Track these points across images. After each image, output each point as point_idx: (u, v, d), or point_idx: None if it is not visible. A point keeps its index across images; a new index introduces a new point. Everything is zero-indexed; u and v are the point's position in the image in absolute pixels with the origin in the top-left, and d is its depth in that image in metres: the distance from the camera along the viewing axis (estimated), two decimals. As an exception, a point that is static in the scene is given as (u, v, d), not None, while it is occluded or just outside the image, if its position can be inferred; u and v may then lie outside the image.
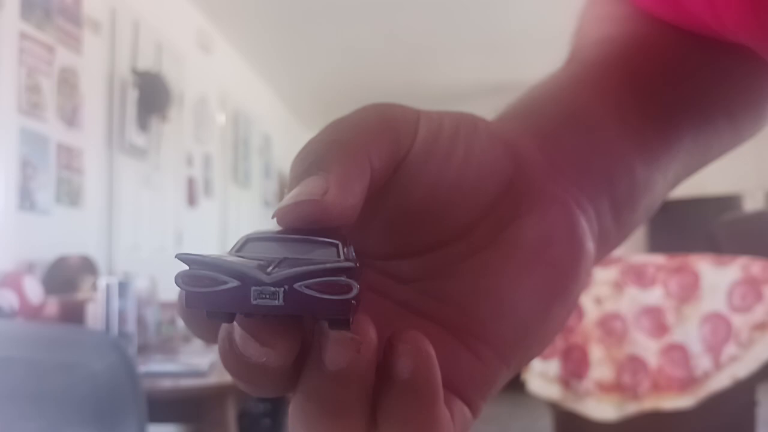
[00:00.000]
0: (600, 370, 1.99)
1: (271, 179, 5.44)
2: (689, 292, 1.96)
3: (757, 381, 1.90)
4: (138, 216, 3.03)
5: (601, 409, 1.98)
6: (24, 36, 2.22)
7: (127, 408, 1.24)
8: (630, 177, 0.29)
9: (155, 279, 2.34)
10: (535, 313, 0.24)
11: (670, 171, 0.32)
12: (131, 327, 1.95)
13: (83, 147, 2.58)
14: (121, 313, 1.92)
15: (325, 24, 4.12)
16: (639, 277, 2.02)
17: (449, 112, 0.25)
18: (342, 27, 4.18)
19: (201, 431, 1.76)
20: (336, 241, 0.19)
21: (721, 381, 1.89)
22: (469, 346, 0.23)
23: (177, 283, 0.18)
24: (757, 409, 1.94)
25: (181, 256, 0.18)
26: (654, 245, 5.74)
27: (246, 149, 4.74)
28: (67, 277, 2.21)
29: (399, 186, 0.23)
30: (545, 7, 3.80)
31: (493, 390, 0.24)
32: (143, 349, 2.05)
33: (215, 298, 0.18)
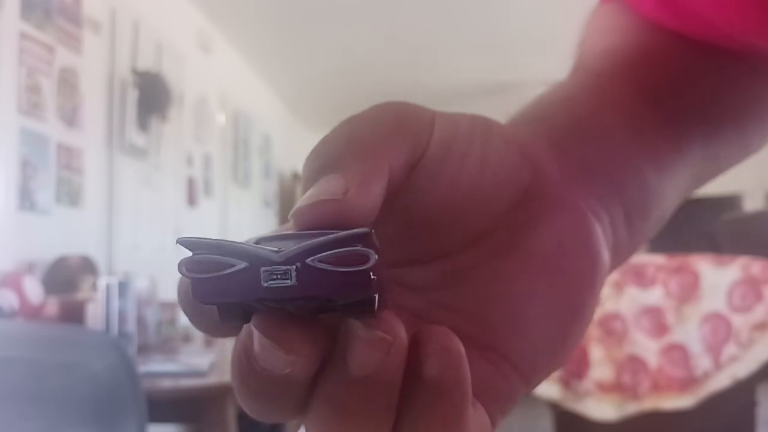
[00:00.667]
0: (600, 370, 1.99)
1: (271, 179, 5.44)
2: (689, 292, 1.96)
3: (757, 381, 1.90)
4: (138, 216, 3.03)
5: (601, 409, 1.98)
6: (24, 36, 2.22)
7: (127, 408, 1.24)
8: (641, 185, 0.29)
9: (155, 279, 2.34)
10: (552, 324, 0.23)
11: (680, 180, 0.31)
12: (131, 327, 1.96)
13: (83, 147, 2.58)
14: (121, 313, 1.92)
15: (325, 24, 4.12)
16: (639, 277, 2.02)
17: (464, 113, 0.24)
18: (342, 27, 4.18)
19: (201, 431, 1.76)
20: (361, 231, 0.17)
21: (721, 381, 1.89)
22: (486, 356, 0.23)
23: (180, 271, 0.17)
24: (757, 409, 1.94)
25: (183, 240, 0.17)
26: (654, 245, 5.73)
27: (246, 149, 4.74)
28: (67, 277, 2.21)
29: (413, 189, 0.22)
30: (545, 7, 3.80)
31: (511, 404, 0.23)
32: (143, 349, 2.05)
33: (222, 283, 0.16)
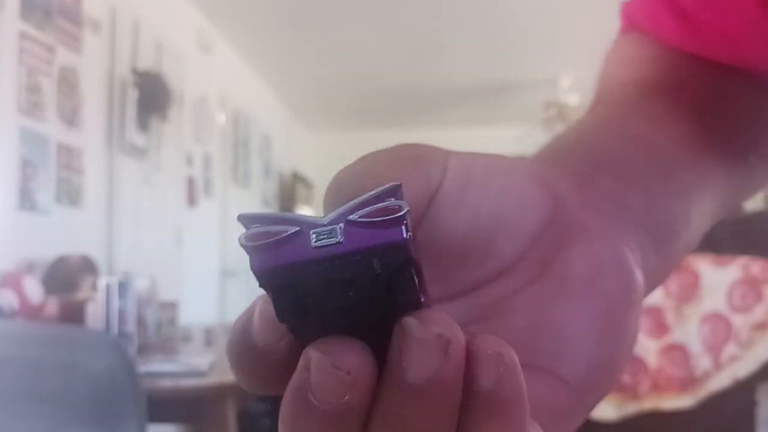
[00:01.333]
0: (600, 370, 1.99)
1: (271, 179, 5.44)
2: (689, 291, 1.96)
3: (757, 381, 1.90)
4: (138, 216, 3.03)
5: (601, 409, 1.98)
6: (24, 36, 2.22)
7: (127, 408, 1.25)
8: (665, 211, 0.29)
9: (155, 279, 2.35)
10: (597, 341, 0.23)
11: (706, 207, 0.32)
12: (131, 327, 1.96)
13: (83, 147, 2.58)
14: (121, 313, 1.93)
15: (325, 24, 4.12)
16: (639, 277, 2.02)
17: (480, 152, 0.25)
18: (342, 27, 4.18)
19: (201, 431, 1.76)
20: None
21: (721, 381, 1.89)
22: (537, 376, 0.22)
23: (241, 243, 0.18)
24: (757, 409, 1.94)
25: (242, 215, 0.18)
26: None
27: (246, 149, 4.74)
28: (67, 277, 2.21)
29: (435, 220, 0.22)
30: (546, 7, 3.80)
31: (573, 425, 0.22)
32: (143, 349, 2.05)
33: (277, 249, 0.17)
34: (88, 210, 2.62)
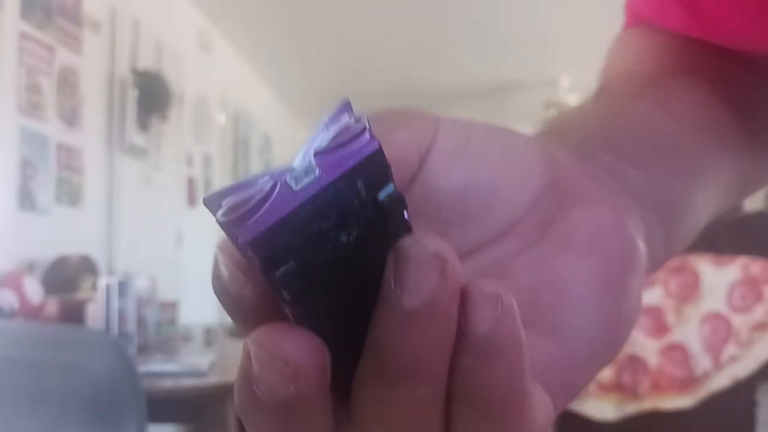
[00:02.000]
0: (600, 370, 1.99)
1: (271, 179, 5.44)
2: (689, 291, 1.96)
3: (757, 381, 1.90)
4: (138, 216, 3.03)
5: (601, 409, 1.98)
6: (24, 36, 2.22)
7: (127, 408, 1.24)
8: (669, 191, 0.29)
9: (155, 279, 2.35)
10: (601, 302, 0.23)
11: (710, 191, 0.32)
12: (131, 327, 1.96)
13: (83, 147, 2.58)
14: (121, 313, 1.93)
15: (325, 24, 4.12)
16: (639, 277, 2.02)
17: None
18: (342, 27, 4.18)
19: (201, 431, 1.76)
20: None
21: (721, 381, 1.89)
22: (541, 335, 0.21)
23: (219, 221, 0.16)
24: (757, 409, 1.94)
25: (206, 198, 0.17)
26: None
27: (246, 149, 4.74)
28: (67, 277, 2.21)
29: (432, 176, 0.22)
30: (544, 7, 3.80)
31: (572, 392, 0.22)
32: (143, 349, 2.05)
33: (262, 209, 0.16)
34: (88, 210, 2.62)
